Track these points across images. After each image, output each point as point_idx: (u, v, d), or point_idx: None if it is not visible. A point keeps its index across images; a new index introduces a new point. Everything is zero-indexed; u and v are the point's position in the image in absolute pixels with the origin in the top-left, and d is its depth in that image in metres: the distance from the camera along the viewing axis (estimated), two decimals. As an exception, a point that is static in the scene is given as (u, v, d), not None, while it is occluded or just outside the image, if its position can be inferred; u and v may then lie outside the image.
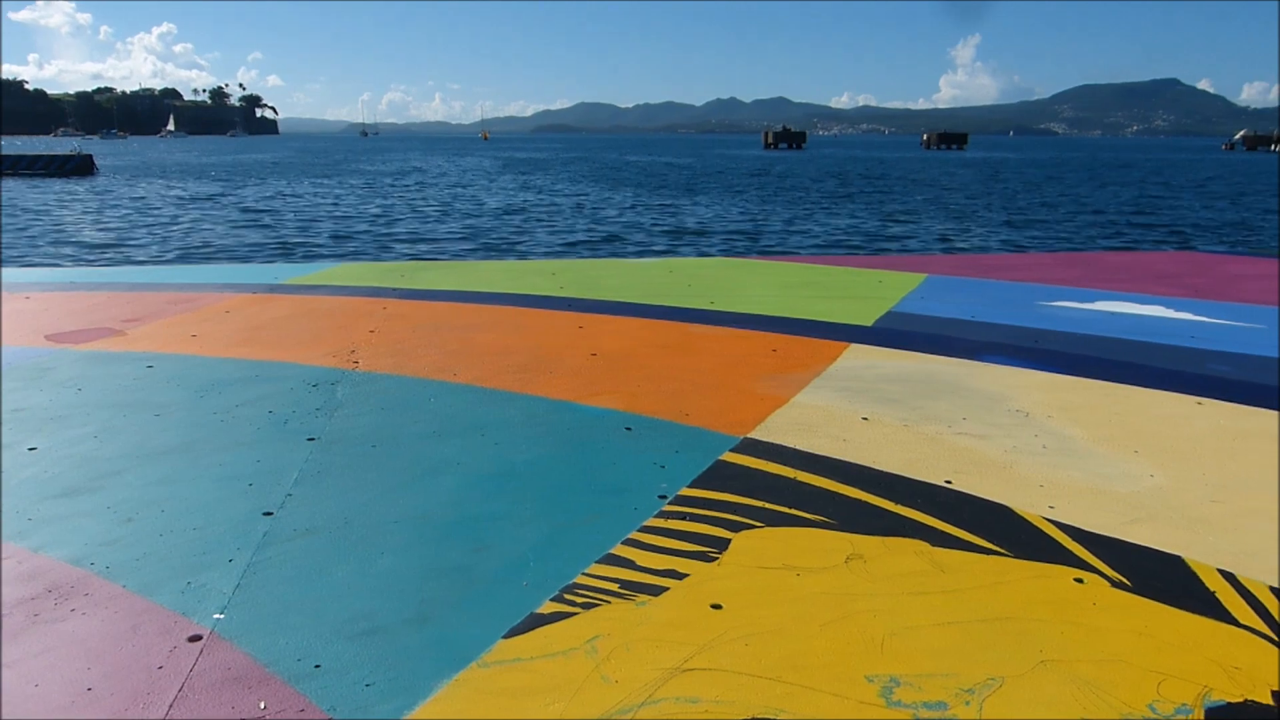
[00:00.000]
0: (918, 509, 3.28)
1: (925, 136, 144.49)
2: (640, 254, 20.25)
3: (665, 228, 25.54)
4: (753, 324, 6.28)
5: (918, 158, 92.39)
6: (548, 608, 2.56)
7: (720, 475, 3.57)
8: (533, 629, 2.45)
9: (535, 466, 3.65)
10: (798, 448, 3.88)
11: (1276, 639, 2.47)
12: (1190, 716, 2.13)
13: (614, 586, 2.69)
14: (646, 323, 6.32)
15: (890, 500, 3.35)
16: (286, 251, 19.39)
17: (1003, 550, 2.97)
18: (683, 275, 8.50)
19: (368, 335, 5.87)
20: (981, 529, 3.13)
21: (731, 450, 3.84)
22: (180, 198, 34.80)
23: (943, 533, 3.09)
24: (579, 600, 2.60)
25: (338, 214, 28.69)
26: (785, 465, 3.68)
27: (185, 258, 18.18)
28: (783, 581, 2.74)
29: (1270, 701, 2.20)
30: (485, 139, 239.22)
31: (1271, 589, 2.73)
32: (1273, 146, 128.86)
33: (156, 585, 2.70)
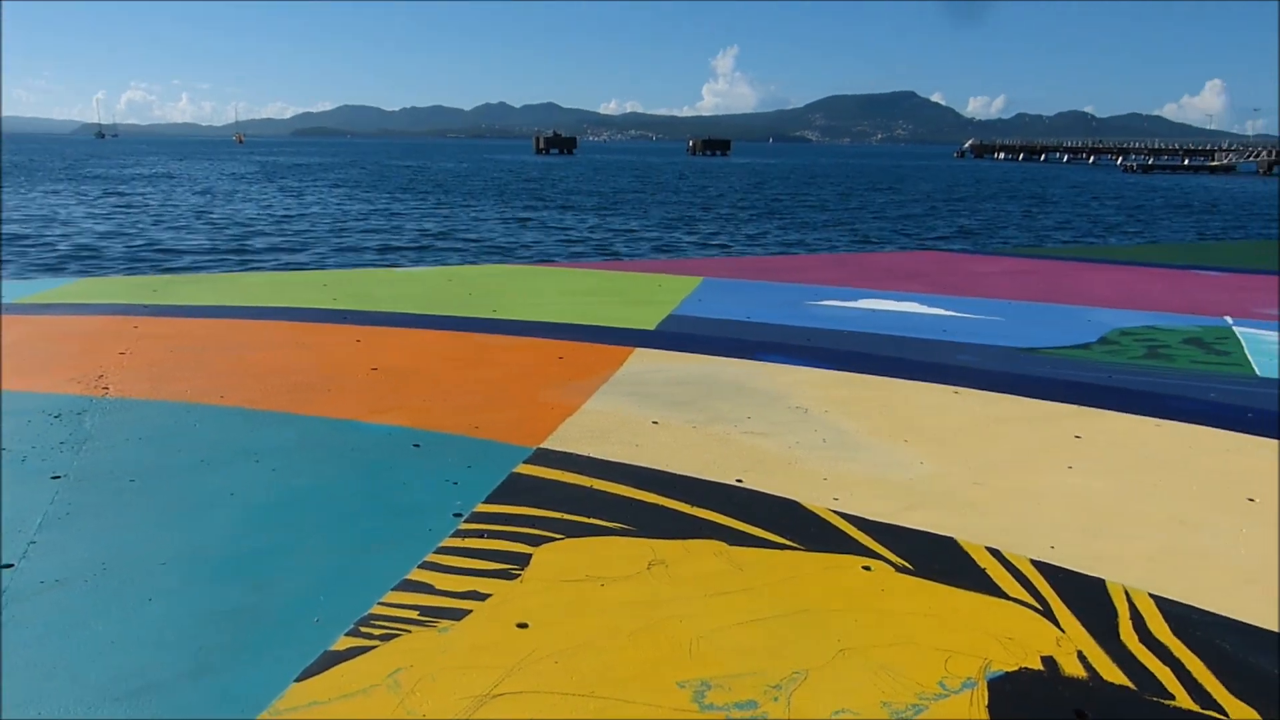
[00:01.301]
0: (713, 509, 3.33)
1: (691, 142, 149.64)
2: (418, 262, 19.78)
3: (441, 234, 25.08)
4: (538, 332, 6.24)
5: (685, 163, 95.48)
6: (343, 643, 2.40)
7: (516, 489, 3.50)
8: (328, 668, 2.29)
9: (318, 492, 3.44)
10: (592, 455, 3.87)
11: (1040, 608, 2.68)
12: (975, 689, 2.27)
13: (413, 614, 2.56)
14: (429, 334, 6.14)
15: (686, 503, 3.39)
16: (15, 267, 17.56)
17: (795, 544, 3.07)
18: (462, 284, 8.34)
19: (118, 358, 5.37)
20: (774, 525, 3.22)
21: (525, 462, 3.77)
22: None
23: (738, 531, 3.16)
24: (377, 632, 2.46)
25: (73, 224, 26.27)
26: (581, 474, 3.65)
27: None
28: (588, 593, 2.71)
29: (1040, 667, 2.38)
30: (240, 142, 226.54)
31: (1032, 562, 2.97)
32: (996, 154, 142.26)
33: None
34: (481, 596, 2.67)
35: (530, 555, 2.94)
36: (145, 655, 2.34)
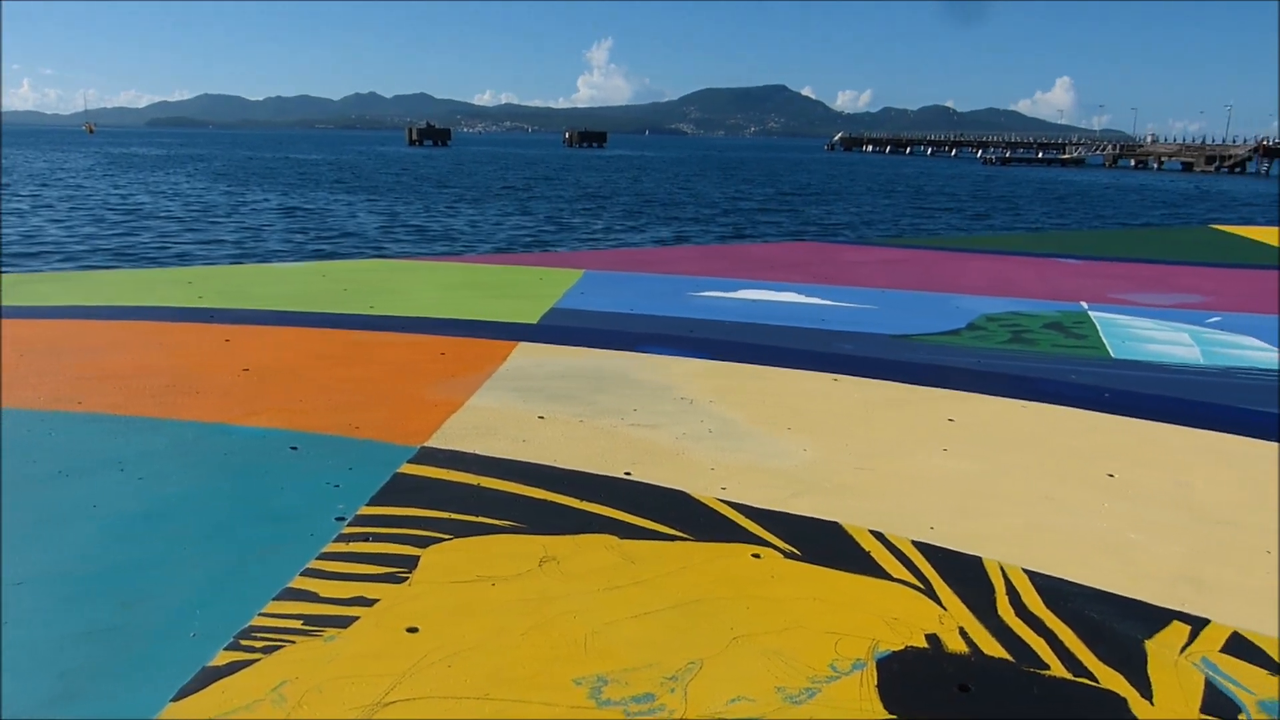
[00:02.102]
0: (603, 503, 3.32)
1: (567, 134, 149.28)
2: (288, 258, 19.15)
3: (313, 229, 24.34)
4: (417, 328, 6.11)
5: (563, 155, 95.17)
6: (222, 658, 2.29)
7: (400, 489, 3.41)
8: (207, 685, 2.18)
9: (189, 501, 3.28)
10: (478, 452, 3.81)
11: (923, 588, 2.76)
12: (865, 669, 2.32)
13: (297, 624, 2.47)
14: (303, 332, 5.94)
15: (576, 497, 3.37)
16: None
17: (685, 535, 3.09)
18: (337, 279, 8.10)
19: (-37, 364, 5.01)
20: (664, 516, 3.23)
21: (409, 461, 3.69)
22: None
23: (629, 524, 3.16)
24: (259, 645, 2.36)
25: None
26: (467, 472, 3.59)
27: None
28: (479, 594, 2.66)
29: (925, 645, 2.45)
30: (90, 132, 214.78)
31: (913, 543, 3.06)
32: (865, 147, 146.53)
33: None
34: (368, 602, 2.59)
35: (418, 557, 2.87)
36: (3, 684, 2.18)
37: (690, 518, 3.23)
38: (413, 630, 2.45)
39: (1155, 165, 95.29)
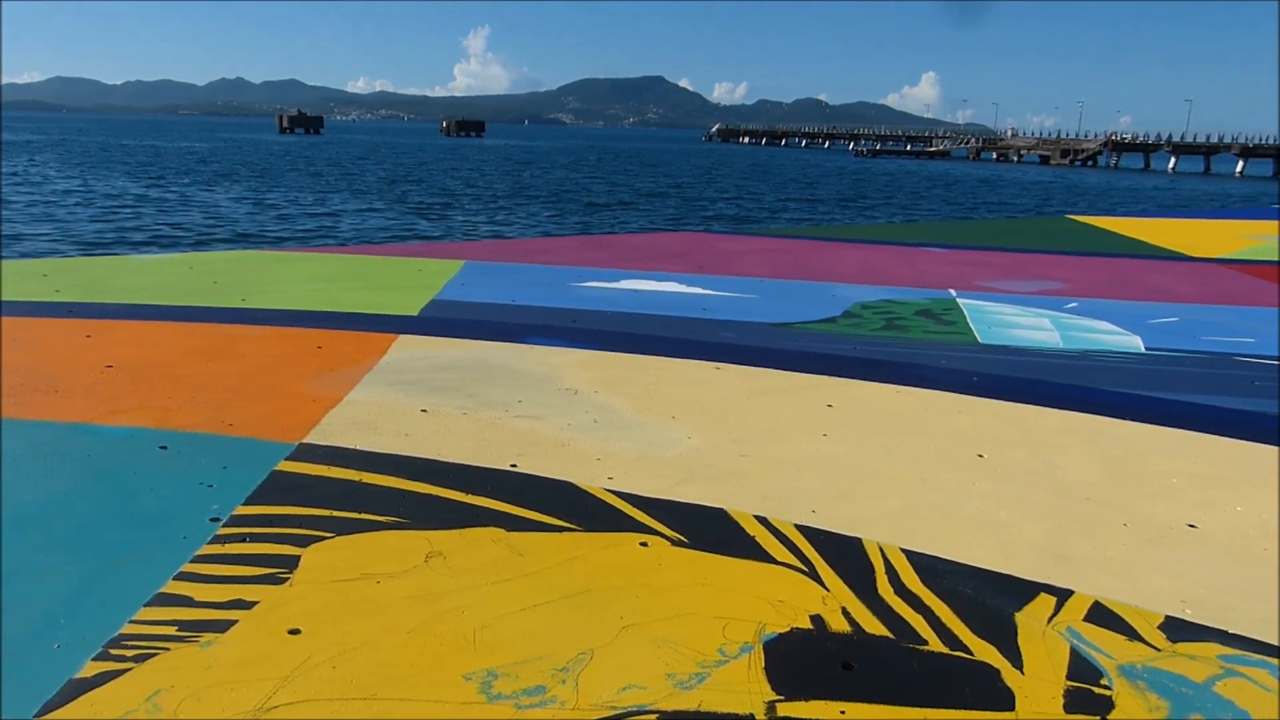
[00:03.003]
0: (489, 496, 3.29)
1: (445, 123, 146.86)
2: (153, 249, 18.29)
3: (179, 220, 23.31)
4: (292, 321, 5.92)
5: (440, 145, 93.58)
6: (91, 669, 2.18)
7: (278, 487, 3.31)
8: (76, 697, 2.07)
9: (51, 506, 3.11)
10: (359, 448, 3.72)
11: (806, 570, 2.83)
12: (752, 652, 2.37)
13: (171, 630, 2.37)
14: (171, 326, 5.68)
15: (461, 491, 3.33)
16: None
17: (573, 526, 3.09)
18: (206, 272, 7.78)
19: None
20: (551, 508, 3.22)
21: (287, 459, 3.58)
22: None
23: (516, 516, 3.14)
24: (130, 654, 2.25)
25: None
26: (348, 468, 3.50)
27: None
28: (363, 592, 2.60)
29: (810, 626, 2.52)
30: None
31: (797, 527, 3.13)
32: (741, 139, 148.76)
33: None
34: (247, 605, 2.51)
35: (299, 557, 2.79)
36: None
37: (578, 508, 3.23)
38: (295, 632, 2.38)
39: (1015, 158, 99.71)
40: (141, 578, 2.62)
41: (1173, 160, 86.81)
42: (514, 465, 3.61)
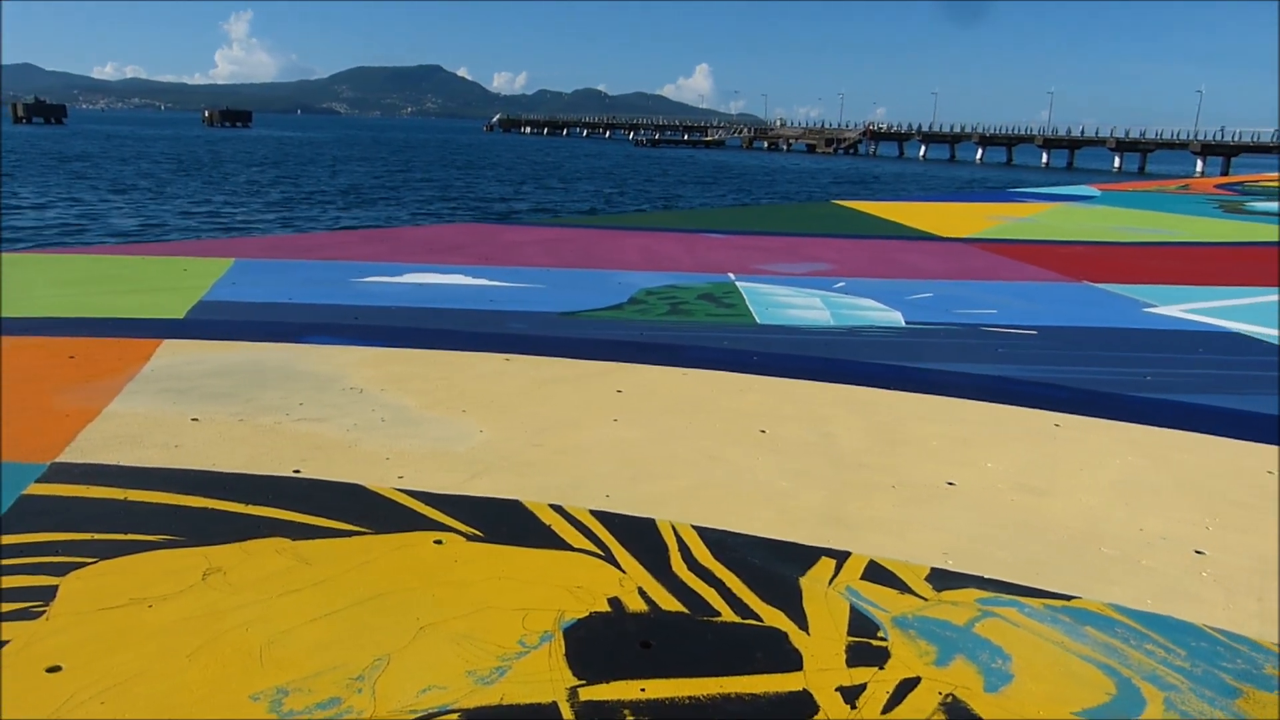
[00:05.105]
0: (271, 505, 3.14)
1: (207, 113, 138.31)
2: None
3: (-111, 222, 20.80)
4: (39, 329, 5.40)
5: (203, 135, 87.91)
6: None
7: (28, 512, 3.02)
8: None
9: None
10: (123, 464, 3.45)
11: (603, 554, 2.87)
12: (553, 640, 2.38)
13: (-97, 682, 2.11)
14: (-113, 342, 5.05)
15: (240, 502, 3.15)
16: None
17: (364, 529, 2.99)
18: (-71, 279, 6.96)
19: None
20: (339, 512, 3.11)
21: (38, 481, 3.27)
22: None
23: (301, 524, 3.01)
24: None
25: None
26: (111, 486, 3.24)
27: None
28: (134, 619, 2.42)
29: (608, 609, 2.55)
30: None
31: (591, 512, 3.17)
32: (523, 129, 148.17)
33: None
34: (-4, 645, 2.27)
35: (56, 587, 2.56)
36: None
37: (368, 510, 3.13)
38: (55, 670, 2.18)
39: (785, 147, 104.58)
40: None
41: (923, 148, 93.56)
42: (297, 471, 3.45)
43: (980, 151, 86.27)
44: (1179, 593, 2.76)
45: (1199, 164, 67.21)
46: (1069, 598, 2.71)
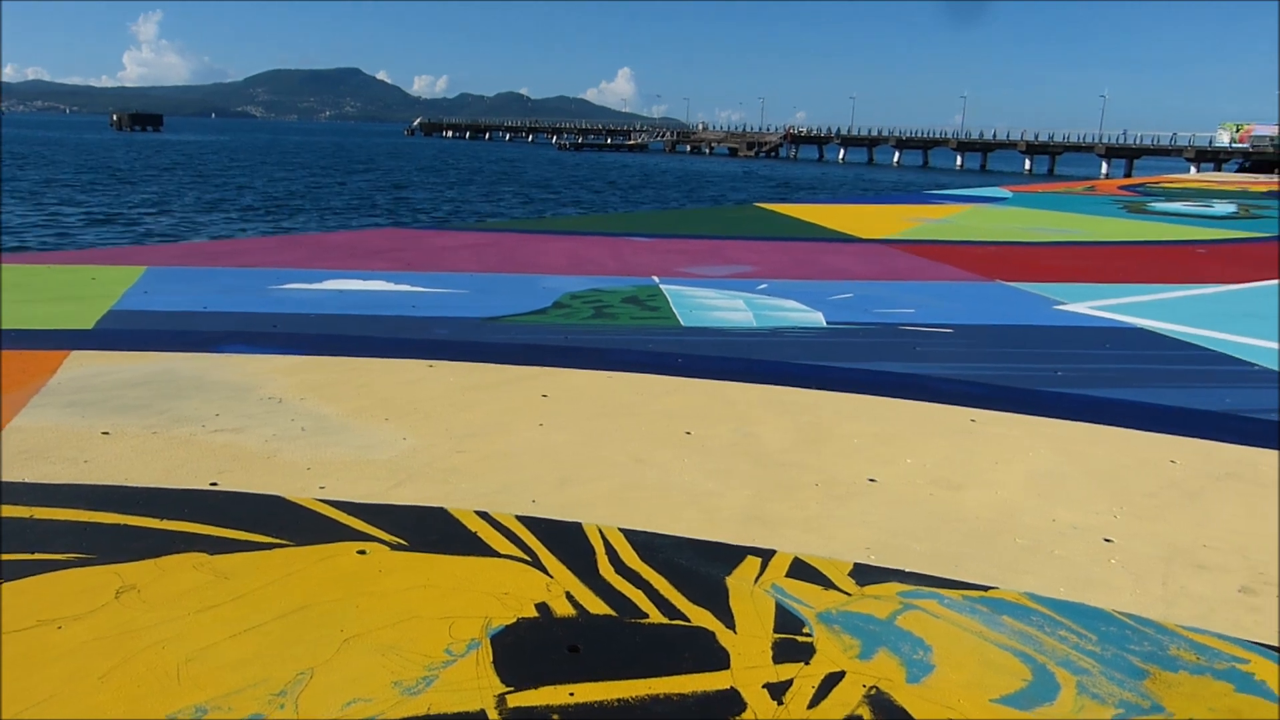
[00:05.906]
0: (187, 519, 3.05)
1: (115, 116, 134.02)
2: None
3: None
4: (-65, 343, 5.17)
5: (110, 140, 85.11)
6: None
7: (-73, 534, 2.89)
8: None
9: None
10: (26, 480, 3.33)
11: (530, 560, 2.86)
12: (480, 648, 2.36)
13: None
14: None
15: (154, 517, 3.06)
16: None
17: (284, 541, 2.93)
18: None
19: None
20: (258, 525, 3.04)
21: (-63, 500, 3.13)
22: None
23: (219, 538, 2.93)
24: None
25: None
26: (15, 504, 3.12)
27: None
28: (42, 640, 2.33)
29: (536, 614, 2.54)
30: None
31: (518, 518, 3.15)
32: (445, 132, 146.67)
33: None
34: (-108, 673, 2.17)
35: (-43, 610, 2.45)
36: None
37: (288, 522, 3.07)
38: (-43, 696, 2.09)
39: (708, 150, 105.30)
40: None
41: (842, 151, 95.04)
42: (214, 484, 3.37)
43: (897, 154, 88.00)
44: (1089, 580, 2.86)
45: (1104, 166, 69.52)
46: (986, 588, 2.78)
